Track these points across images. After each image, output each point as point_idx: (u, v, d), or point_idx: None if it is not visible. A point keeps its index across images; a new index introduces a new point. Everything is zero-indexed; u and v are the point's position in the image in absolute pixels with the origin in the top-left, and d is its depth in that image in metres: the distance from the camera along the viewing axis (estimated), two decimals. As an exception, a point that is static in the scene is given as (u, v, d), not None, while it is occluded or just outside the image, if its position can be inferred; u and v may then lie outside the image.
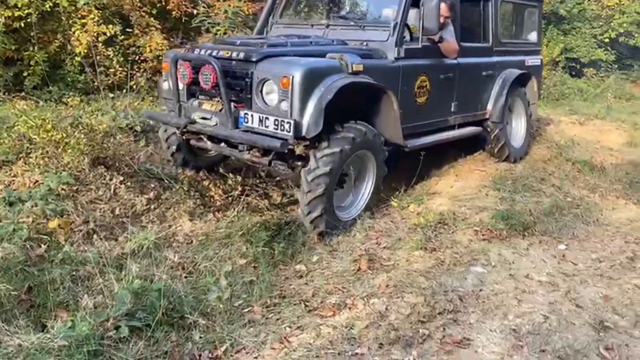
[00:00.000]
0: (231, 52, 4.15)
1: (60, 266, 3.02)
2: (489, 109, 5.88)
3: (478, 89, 5.75)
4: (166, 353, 2.57)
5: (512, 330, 2.96)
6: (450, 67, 5.23)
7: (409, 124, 4.78)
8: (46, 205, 3.49)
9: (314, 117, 3.84)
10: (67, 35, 7.21)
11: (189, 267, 3.38)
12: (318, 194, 3.92)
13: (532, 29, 6.84)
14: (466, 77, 5.45)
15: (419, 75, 4.83)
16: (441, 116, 5.32)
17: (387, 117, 4.52)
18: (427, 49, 4.91)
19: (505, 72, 6.00)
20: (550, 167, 6.06)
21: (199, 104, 4.40)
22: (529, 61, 6.54)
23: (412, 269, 3.52)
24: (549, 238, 4.29)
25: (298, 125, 3.83)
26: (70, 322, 2.50)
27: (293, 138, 3.84)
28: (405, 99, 4.69)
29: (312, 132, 3.88)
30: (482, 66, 5.76)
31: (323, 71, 4.01)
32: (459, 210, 4.53)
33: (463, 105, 5.53)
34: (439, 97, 5.15)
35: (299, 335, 2.86)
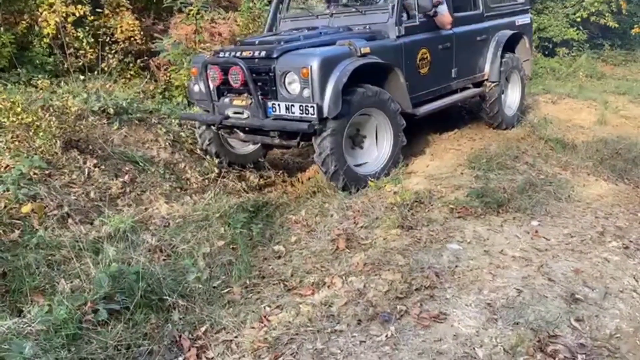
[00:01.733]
0: (253, 51, 4.69)
1: (35, 251, 2.98)
2: (487, 71, 6.38)
3: (475, 53, 6.25)
4: (146, 335, 2.57)
5: (487, 305, 3.02)
6: (447, 37, 5.70)
7: (415, 93, 5.30)
8: (18, 190, 3.42)
9: (333, 99, 4.35)
10: (34, 16, 7.00)
11: (166, 249, 3.37)
12: (325, 154, 4.44)
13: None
14: (462, 44, 5.91)
15: (420, 48, 5.32)
16: (444, 83, 5.82)
17: (396, 90, 5.01)
18: (425, 24, 5.38)
19: (498, 34, 6.48)
20: (524, 146, 6.15)
21: (230, 101, 4.90)
22: (519, 21, 6.95)
23: (389, 247, 3.57)
24: (523, 215, 4.37)
25: (320, 108, 4.35)
26: (47, 307, 2.49)
27: (317, 120, 4.33)
28: (410, 71, 5.18)
29: (333, 113, 4.37)
30: (476, 32, 6.22)
31: (336, 58, 4.50)
32: (435, 188, 4.58)
33: (463, 70, 6.02)
34: (440, 66, 5.63)
35: (279, 314, 2.89)
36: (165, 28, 8.10)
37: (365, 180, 4.71)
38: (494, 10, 6.55)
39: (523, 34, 6.90)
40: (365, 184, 4.69)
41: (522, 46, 7.00)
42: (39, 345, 2.22)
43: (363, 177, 4.73)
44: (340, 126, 4.51)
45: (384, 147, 5.01)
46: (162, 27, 8.18)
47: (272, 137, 4.85)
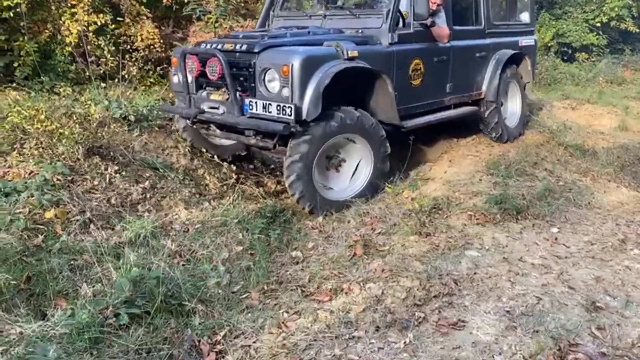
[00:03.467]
0: (235, 44, 4.44)
1: (58, 255, 3.03)
2: (484, 89, 6.11)
3: (472, 70, 5.97)
4: (166, 339, 2.60)
5: (506, 312, 3.01)
6: (444, 50, 5.43)
7: (405, 105, 5.06)
8: (42, 196, 3.49)
9: (313, 102, 4.09)
10: (57, 25, 7.13)
11: (186, 254, 3.40)
12: (292, 178, 4.23)
13: (524, 10, 6.96)
14: (460, 59, 5.65)
15: (413, 59, 5.06)
16: (437, 97, 5.54)
17: (384, 100, 4.77)
18: (420, 34, 5.10)
19: (499, 52, 6.21)
20: (543, 152, 6.11)
21: (207, 94, 4.68)
22: (523, 42, 6.70)
23: (407, 254, 3.57)
24: (542, 221, 4.34)
25: (299, 109, 4.09)
26: (70, 310, 2.53)
27: (294, 122, 4.08)
28: (400, 81, 4.93)
29: (312, 115, 4.12)
30: (476, 48, 5.96)
31: (320, 58, 4.25)
32: (453, 195, 4.57)
33: (458, 86, 5.75)
34: (434, 79, 5.37)
35: (297, 320, 2.90)
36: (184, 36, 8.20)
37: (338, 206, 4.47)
38: (496, 27, 6.30)
39: (525, 55, 6.70)
40: (334, 208, 4.45)
41: (524, 68, 6.80)
42: (62, 348, 2.26)
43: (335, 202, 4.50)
44: (312, 150, 4.24)
45: (362, 175, 4.74)
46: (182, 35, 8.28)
47: (248, 136, 4.57)
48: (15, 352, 2.14)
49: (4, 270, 2.65)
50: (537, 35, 12.70)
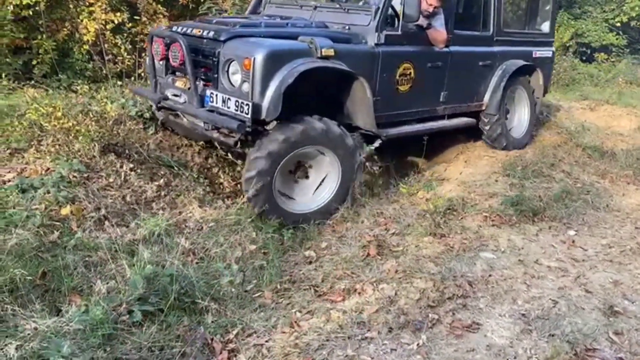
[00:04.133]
0: (203, 30, 4.15)
1: (73, 252, 3.04)
2: (486, 100, 5.68)
3: (473, 79, 5.54)
4: (178, 337, 2.60)
5: (521, 315, 2.97)
6: (440, 55, 5.03)
7: (389, 112, 4.71)
8: (58, 192, 3.51)
9: (274, 101, 3.79)
10: (75, 24, 7.21)
11: (199, 252, 3.40)
12: (251, 174, 3.92)
13: (544, 19, 6.57)
14: (459, 66, 5.25)
15: (402, 62, 4.68)
16: (428, 106, 5.14)
17: (360, 104, 4.41)
18: (412, 36, 4.73)
19: (507, 63, 5.77)
20: (560, 153, 6.03)
21: (172, 81, 4.46)
22: (537, 53, 6.27)
23: (421, 255, 3.54)
24: (559, 224, 4.28)
25: (257, 108, 3.80)
26: (84, 307, 2.54)
27: (251, 121, 3.78)
28: (385, 86, 4.58)
29: (271, 116, 3.84)
30: (479, 56, 5.53)
31: (287, 54, 3.92)
32: (469, 196, 4.53)
33: (454, 96, 5.33)
34: (425, 86, 4.98)
35: (309, 320, 2.89)
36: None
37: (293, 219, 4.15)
38: (507, 35, 5.83)
39: (536, 67, 6.19)
40: (291, 221, 4.13)
41: (535, 81, 6.30)
42: (76, 344, 2.27)
43: (291, 214, 4.18)
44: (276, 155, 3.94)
45: (327, 189, 4.37)
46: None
47: (207, 130, 4.29)
48: (30, 347, 2.16)
49: (20, 265, 2.67)
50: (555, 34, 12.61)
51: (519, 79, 6.00)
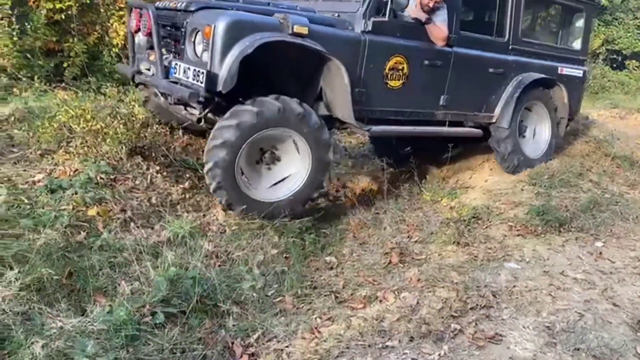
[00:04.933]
0: (177, 2, 4.08)
1: (99, 252, 3.09)
2: (497, 113, 5.28)
3: (482, 86, 5.19)
4: (200, 339, 2.62)
5: (545, 328, 2.92)
6: (441, 54, 4.71)
7: (377, 107, 4.47)
8: (86, 193, 3.57)
9: (230, 72, 3.62)
10: (105, 27, 7.36)
11: (222, 256, 3.43)
12: (211, 165, 3.74)
13: (576, 35, 6.18)
14: (464, 70, 4.91)
15: (393, 55, 4.39)
16: (424, 107, 4.82)
17: (339, 93, 4.17)
18: (408, 29, 4.48)
19: (524, 74, 5.38)
20: (588, 162, 5.92)
21: (147, 55, 4.35)
22: (565, 70, 5.84)
23: (444, 264, 3.51)
24: (586, 235, 4.20)
25: (212, 77, 3.65)
26: (109, 307, 2.57)
27: (205, 90, 3.65)
28: (371, 78, 4.33)
29: (226, 87, 3.66)
30: (490, 62, 5.17)
31: (252, 25, 3.76)
32: (494, 204, 4.48)
33: (458, 101, 4.99)
34: (422, 85, 4.69)
35: (330, 326, 2.89)
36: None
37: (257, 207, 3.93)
38: (526, 45, 5.47)
39: (558, 83, 5.72)
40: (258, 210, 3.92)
41: (559, 98, 5.79)
42: (100, 344, 2.31)
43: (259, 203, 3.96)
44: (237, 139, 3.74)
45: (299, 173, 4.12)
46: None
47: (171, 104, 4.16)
48: (56, 346, 2.20)
49: (47, 265, 2.72)
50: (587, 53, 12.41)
51: (538, 94, 5.58)
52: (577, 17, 6.21)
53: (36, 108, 4.87)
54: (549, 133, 5.80)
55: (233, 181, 3.81)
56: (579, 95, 6.25)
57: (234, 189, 3.84)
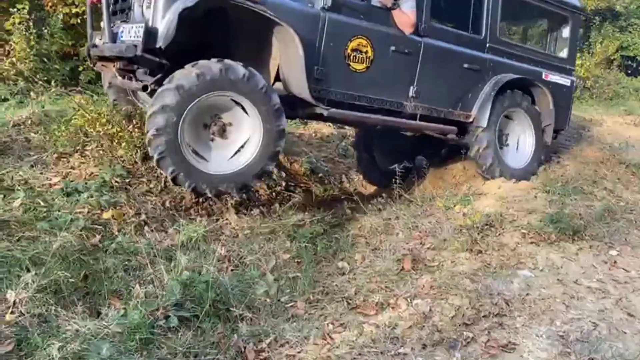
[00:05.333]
0: None
1: (113, 256, 3.13)
2: (474, 112, 5.20)
3: (456, 82, 5.12)
4: (213, 344, 2.63)
5: (559, 337, 2.90)
6: (409, 42, 4.66)
7: (338, 89, 4.38)
8: (101, 197, 3.62)
9: (170, 26, 3.55)
10: (120, 32, 7.44)
11: (235, 260, 3.45)
12: (150, 134, 3.58)
13: (562, 43, 6.17)
14: (435, 62, 4.86)
15: (355, 36, 4.36)
16: (391, 96, 4.71)
17: (294, 65, 4.05)
18: (374, 12, 4.44)
19: (502, 75, 5.32)
20: (603, 170, 5.87)
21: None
22: (550, 76, 5.79)
23: (457, 271, 3.49)
24: (600, 243, 4.16)
25: (153, 32, 3.60)
26: (123, 310, 2.60)
27: (143, 45, 3.57)
28: (331, 57, 4.28)
29: (164, 41, 3.58)
30: (464, 57, 5.09)
31: None
32: (507, 212, 4.44)
33: (430, 95, 4.89)
34: (388, 72, 4.61)
35: (342, 333, 2.88)
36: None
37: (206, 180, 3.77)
38: (506, 46, 5.47)
39: (540, 86, 5.61)
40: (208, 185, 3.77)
41: (544, 105, 5.66)
42: (115, 347, 2.33)
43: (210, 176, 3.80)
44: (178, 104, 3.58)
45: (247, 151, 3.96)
46: None
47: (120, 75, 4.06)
48: (71, 349, 2.22)
49: (63, 267, 2.76)
50: (599, 47, 12.32)
51: (518, 99, 5.49)
52: (563, 25, 6.14)
53: (52, 112, 4.93)
54: (534, 141, 5.69)
55: (178, 151, 3.64)
56: (568, 105, 6.15)
57: (180, 159, 3.66)
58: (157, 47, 3.60)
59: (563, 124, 6.14)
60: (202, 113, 3.83)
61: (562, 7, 5.94)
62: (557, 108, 5.77)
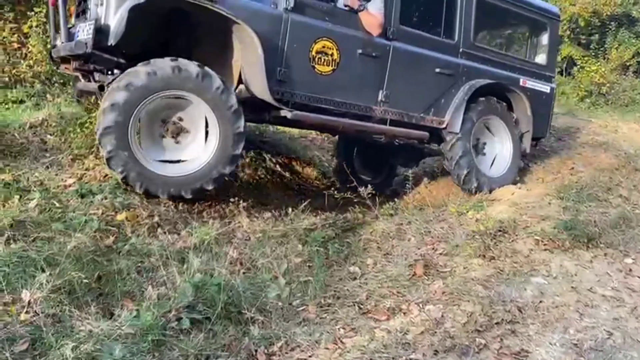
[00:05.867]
0: None
1: (126, 257, 3.15)
2: (447, 118, 5.14)
3: (428, 87, 5.03)
4: (224, 346, 2.64)
5: (573, 345, 2.87)
6: (377, 46, 4.61)
7: (302, 91, 4.32)
8: (115, 199, 3.64)
9: (120, 23, 3.49)
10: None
11: (246, 263, 3.46)
12: (100, 132, 3.53)
13: (541, 50, 6.11)
14: (405, 66, 4.80)
15: (319, 38, 4.30)
16: (358, 100, 4.64)
17: (253, 65, 3.97)
18: (338, 14, 4.41)
19: (476, 80, 5.26)
20: (618, 177, 5.80)
21: None
22: (528, 83, 5.74)
23: (469, 277, 3.47)
24: (615, 251, 4.11)
25: (105, 29, 3.55)
26: (136, 311, 2.62)
27: (92, 41, 3.53)
28: (294, 59, 4.23)
29: (114, 38, 3.53)
30: (435, 62, 5.02)
31: None
32: (520, 218, 4.41)
33: (399, 100, 4.82)
34: (355, 75, 4.54)
35: (353, 337, 2.88)
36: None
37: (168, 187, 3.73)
38: (480, 51, 5.40)
39: (516, 91, 5.55)
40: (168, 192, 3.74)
41: (521, 110, 5.62)
42: (127, 348, 2.34)
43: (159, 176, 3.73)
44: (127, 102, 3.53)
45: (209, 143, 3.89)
46: None
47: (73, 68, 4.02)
48: (85, 349, 2.24)
49: (77, 268, 2.78)
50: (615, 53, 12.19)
51: (493, 106, 5.43)
52: (541, 32, 6.08)
53: (68, 114, 4.98)
54: (511, 149, 5.62)
55: (128, 151, 3.58)
56: (548, 112, 6.06)
57: (131, 159, 3.60)
58: (109, 45, 3.56)
59: (543, 132, 6.07)
60: (155, 112, 3.79)
61: (539, 13, 5.90)
62: (536, 115, 5.71)
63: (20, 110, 5.31)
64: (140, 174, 3.65)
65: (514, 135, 5.63)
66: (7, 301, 2.45)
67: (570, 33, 12.60)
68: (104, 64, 3.90)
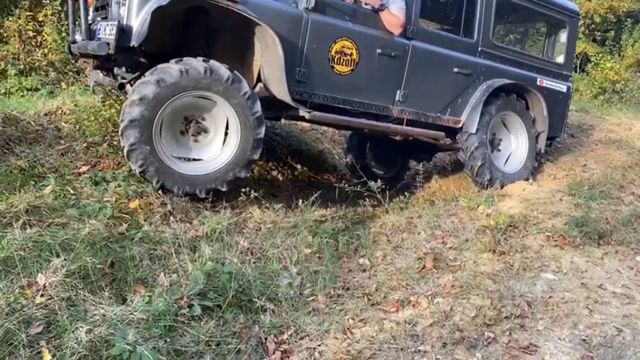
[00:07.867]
0: None
1: (139, 244, 3.18)
2: (463, 118, 5.11)
3: (445, 87, 4.98)
4: (234, 333, 2.68)
5: (582, 341, 2.87)
6: (396, 45, 4.58)
7: (321, 92, 4.31)
8: (128, 187, 3.68)
9: (143, 24, 3.50)
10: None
11: (257, 253, 3.49)
12: (124, 124, 3.54)
13: (560, 49, 6.05)
14: (424, 66, 4.76)
15: (339, 38, 4.27)
16: (376, 100, 4.62)
17: (274, 66, 3.98)
18: (359, 13, 4.40)
19: (493, 80, 5.21)
20: (631, 175, 5.76)
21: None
22: (545, 82, 5.68)
23: (479, 271, 3.48)
24: (626, 248, 4.09)
25: (124, 29, 3.56)
26: (148, 298, 2.65)
27: (115, 42, 3.53)
28: (314, 59, 4.21)
29: (137, 39, 3.54)
30: (454, 61, 4.97)
31: None
32: (531, 214, 4.40)
33: (417, 100, 4.79)
34: (374, 75, 4.52)
35: (362, 328, 2.90)
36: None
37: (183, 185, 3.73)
38: (500, 50, 5.35)
39: (534, 92, 5.50)
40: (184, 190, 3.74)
41: (538, 111, 5.57)
42: (140, 333, 2.38)
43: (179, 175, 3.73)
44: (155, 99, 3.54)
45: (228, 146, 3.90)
46: None
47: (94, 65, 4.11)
48: (98, 332, 2.28)
49: (91, 254, 2.82)
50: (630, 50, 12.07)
51: (511, 103, 5.38)
52: (560, 30, 6.01)
53: (82, 102, 5.02)
54: (527, 146, 5.58)
55: (150, 145, 3.59)
56: (563, 112, 6.00)
57: (152, 154, 3.60)
58: (131, 46, 3.58)
59: (558, 131, 6.03)
60: (180, 110, 3.81)
61: (559, 11, 5.81)
62: (552, 114, 5.67)
63: (35, 98, 5.37)
64: (158, 170, 3.65)
65: (530, 134, 5.60)
66: (23, 284, 2.48)
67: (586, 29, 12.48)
68: (124, 63, 3.93)
